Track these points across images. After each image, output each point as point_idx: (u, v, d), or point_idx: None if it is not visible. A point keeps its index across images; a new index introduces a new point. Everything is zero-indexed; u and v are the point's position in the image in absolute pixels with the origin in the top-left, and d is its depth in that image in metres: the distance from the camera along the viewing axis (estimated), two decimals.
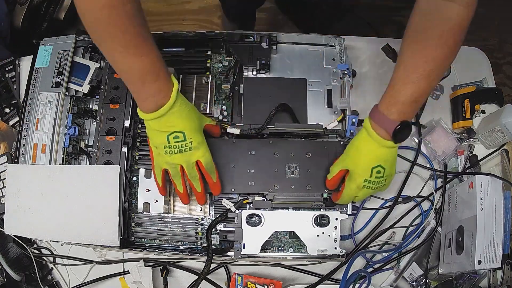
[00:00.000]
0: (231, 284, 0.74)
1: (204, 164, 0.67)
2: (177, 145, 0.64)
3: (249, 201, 0.73)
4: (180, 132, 0.63)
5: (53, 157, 0.73)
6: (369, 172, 0.63)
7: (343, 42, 0.79)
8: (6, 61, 0.89)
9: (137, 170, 0.75)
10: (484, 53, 0.92)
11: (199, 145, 0.65)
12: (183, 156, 0.65)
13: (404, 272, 0.78)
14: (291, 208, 0.73)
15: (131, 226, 0.74)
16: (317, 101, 0.79)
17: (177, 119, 0.63)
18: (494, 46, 1.73)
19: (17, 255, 0.78)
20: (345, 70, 0.77)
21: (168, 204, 0.75)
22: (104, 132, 0.74)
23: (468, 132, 0.84)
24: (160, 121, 0.63)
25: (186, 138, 0.64)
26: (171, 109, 0.62)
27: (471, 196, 0.72)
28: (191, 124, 0.64)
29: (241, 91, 0.78)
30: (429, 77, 0.58)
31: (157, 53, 0.61)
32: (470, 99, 0.83)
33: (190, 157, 0.65)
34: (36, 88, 0.77)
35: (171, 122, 0.63)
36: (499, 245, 0.70)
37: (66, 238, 0.72)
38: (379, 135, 0.61)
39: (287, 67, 0.81)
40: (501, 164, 0.83)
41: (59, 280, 0.80)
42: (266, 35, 0.79)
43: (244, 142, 0.73)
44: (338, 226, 0.71)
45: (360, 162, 0.64)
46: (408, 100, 0.59)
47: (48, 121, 0.75)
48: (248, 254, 0.70)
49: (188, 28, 1.67)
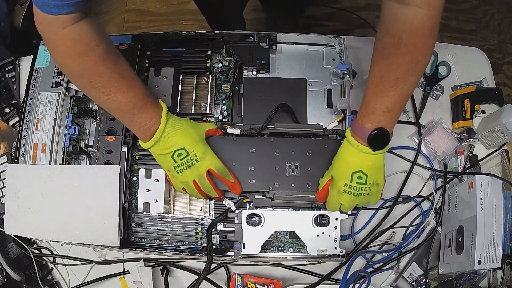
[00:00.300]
0: (231, 284, 0.74)
1: (216, 170, 0.68)
2: (183, 161, 0.65)
3: (249, 200, 0.73)
4: (181, 149, 0.65)
5: (53, 157, 0.73)
6: (349, 177, 0.64)
7: (343, 42, 0.79)
8: (6, 61, 0.89)
9: (137, 170, 0.75)
10: (484, 53, 0.92)
11: (204, 155, 0.67)
12: (193, 171, 0.66)
13: (404, 272, 0.78)
14: (291, 208, 0.73)
15: (131, 226, 0.74)
16: (317, 101, 0.79)
17: (174, 138, 0.65)
18: (494, 46, 1.73)
19: (17, 255, 0.78)
20: (345, 70, 0.77)
21: (168, 204, 0.75)
22: (104, 132, 0.74)
23: (468, 132, 0.84)
24: (160, 145, 0.65)
25: (189, 152, 0.65)
26: (164, 131, 0.64)
27: (471, 196, 0.72)
28: (188, 138, 0.66)
29: (241, 91, 0.78)
30: (397, 86, 0.58)
31: (139, 85, 0.63)
32: (470, 99, 0.83)
33: (200, 169, 0.67)
34: (36, 88, 0.77)
35: (169, 142, 0.65)
36: (499, 245, 0.70)
37: (66, 238, 0.72)
38: (358, 142, 0.63)
39: (287, 67, 0.81)
40: (501, 164, 0.83)
41: (59, 280, 0.80)
42: (266, 35, 0.79)
43: (245, 140, 0.73)
44: (338, 226, 0.71)
45: (340, 167, 0.66)
46: (379, 110, 0.60)
47: (48, 121, 0.75)
48: (248, 254, 0.70)
49: (188, 28, 1.67)
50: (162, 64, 0.79)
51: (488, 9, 1.78)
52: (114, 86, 0.60)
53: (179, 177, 0.67)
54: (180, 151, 0.65)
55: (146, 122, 0.64)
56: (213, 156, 0.68)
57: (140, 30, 1.76)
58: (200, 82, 0.78)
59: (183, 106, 0.77)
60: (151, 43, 0.81)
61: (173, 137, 0.65)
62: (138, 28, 1.77)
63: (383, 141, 0.61)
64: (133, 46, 0.78)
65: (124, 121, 0.67)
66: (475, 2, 1.78)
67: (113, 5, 1.82)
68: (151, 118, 0.64)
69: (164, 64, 0.78)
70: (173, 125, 0.65)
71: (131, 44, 0.78)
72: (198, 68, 0.81)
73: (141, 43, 0.79)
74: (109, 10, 1.81)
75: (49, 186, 0.72)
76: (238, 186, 0.70)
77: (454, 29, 1.73)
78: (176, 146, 0.65)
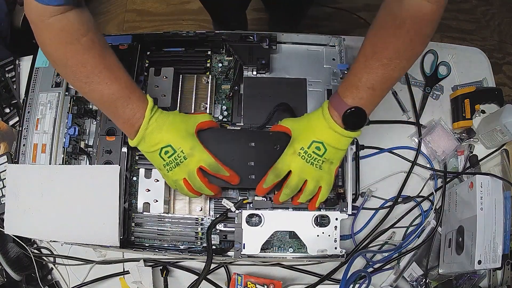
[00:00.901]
0: (231, 284, 0.74)
1: (207, 167, 0.64)
2: (171, 159, 0.62)
3: (249, 201, 0.73)
4: (167, 146, 0.62)
5: (53, 157, 0.73)
6: (308, 143, 0.63)
7: (343, 42, 0.79)
8: (6, 61, 0.89)
9: (137, 170, 0.75)
10: (484, 53, 0.92)
11: (192, 150, 0.63)
12: (181, 168, 0.63)
13: (404, 272, 0.78)
14: (291, 208, 0.73)
15: (131, 226, 0.74)
16: (317, 101, 0.79)
17: (159, 135, 0.62)
18: (494, 46, 1.73)
19: (17, 255, 0.78)
20: (345, 70, 0.77)
21: (168, 204, 0.75)
22: (104, 132, 0.74)
23: (468, 132, 0.84)
24: (145, 142, 0.62)
25: (176, 149, 0.62)
26: (148, 127, 0.61)
27: (471, 196, 0.72)
28: (174, 133, 0.62)
29: (241, 91, 0.78)
30: (388, 66, 0.58)
31: (125, 79, 0.62)
32: (470, 99, 0.83)
33: (189, 166, 0.63)
34: (36, 88, 0.77)
35: (153, 139, 0.62)
36: (499, 245, 0.70)
37: (66, 238, 0.72)
38: (332, 117, 0.62)
39: (287, 67, 0.81)
40: (501, 164, 0.83)
41: (59, 280, 0.80)
42: (266, 35, 0.79)
43: (244, 132, 0.72)
44: (338, 226, 0.71)
45: (305, 131, 0.64)
46: (364, 86, 0.59)
47: (48, 121, 0.75)
48: (248, 254, 0.70)
49: (188, 28, 1.67)
50: (162, 64, 0.79)
51: (488, 9, 1.78)
52: (97, 76, 0.59)
53: (170, 175, 0.64)
54: (166, 149, 0.62)
55: (129, 117, 0.61)
56: (202, 151, 0.63)
57: (140, 30, 1.76)
58: (200, 82, 0.78)
59: (183, 106, 0.77)
60: (151, 43, 0.81)
61: (158, 133, 0.62)
62: (138, 28, 1.77)
63: (358, 121, 0.61)
64: (133, 46, 0.78)
65: (108, 115, 0.64)
66: (475, 2, 1.78)
67: (113, 5, 1.82)
68: (135, 113, 0.61)
69: (164, 64, 0.78)
70: (157, 121, 0.62)
71: (131, 44, 0.78)
72: (198, 68, 0.81)
73: (141, 43, 0.79)
74: (109, 10, 1.81)
75: (49, 186, 0.72)
76: (234, 178, 0.66)
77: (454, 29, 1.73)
78: (162, 143, 0.62)
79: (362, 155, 0.82)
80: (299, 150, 0.64)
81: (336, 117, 0.62)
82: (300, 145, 0.64)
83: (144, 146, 0.63)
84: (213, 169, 0.64)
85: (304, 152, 0.63)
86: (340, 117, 0.61)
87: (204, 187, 0.64)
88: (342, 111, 0.60)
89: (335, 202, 0.73)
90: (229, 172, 0.65)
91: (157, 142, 0.62)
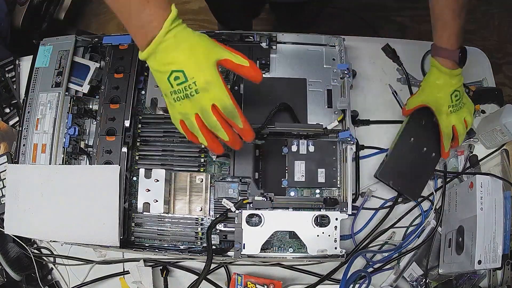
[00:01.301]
0: (231, 284, 0.74)
1: (221, 108, 0.53)
2: (180, 88, 0.52)
3: (249, 201, 0.73)
4: (179, 71, 0.51)
5: (53, 157, 0.73)
6: (449, 99, 0.72)
7: (343, 42, 0.79)
8: (6, 61, 0.89)
9: (137, 170, 0.75)
10: (484, 53, 0.92)
11: (208, 85, 0.52)
12: (192, 102, 0.53)
13: (404, 272, 0.78)
14: (291, 208, 0.73)
15: (131, 226, 0.74)
16: (317, 101, 0.79)
17: (173, 53, 0.51)
18: (494, 46, 1.73)
19: (17, 255, 0.78)
20: (345, 70, 0.77)
21: (168, 204, 0.75)
22: (104, 132, 0.74)
23: (468, 132, 0.84)
24: (155, 59, 0.52)
25: (188, 78, 0.51)
26: (163, 42, 0.51)
27: (471, 196, 0.72)
28: (192, 58, 0.52)
29: (241, 91, 0.78)
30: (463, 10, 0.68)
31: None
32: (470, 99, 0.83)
33: (200, 102, 0.52)
34: (36, 88, 0.77)
35: (167, 58, 0.52)
36: (499, 245, 0.70)
37: (66, 238, 0.72)
38: (447, 68, 0.71)
39: (287, 67, 0.81)
40: (501, 164, 0.83)
41: (59, 280, 0.80)
42: (266, 35, 0.79)
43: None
44: (338, 226, 0.71)
45: (440, 94, 0.73)
46: (460, 32, 0.69)
47: (48, 121, 0.75)
48: (248, 254, 0.70)
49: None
50: None
51: (488, 9, 1.78)
52: None
53: (176, 106, 0.54)
54: (177, 74, 0.51)
55: (144, 24, 0.51)
56: (221, 88, 0.52)
57: None
58: None
59: None
60: None
61: (172, 52, 0.51)
62: None
63: (466, 55, 0.71)
64: (133, 46, 0.78)
65: (121, 18, 0.53)
66: (475, 2, 1.78)
67: None
68: (151, 21, 0.50)
69: None
70: (176, 36, 0.51)
71: (131, 44, 0.78)
72: None
73: None
74: (109, 10, 1.81)
75: (49, 186, 0.72)
76: (249, 132, 0.56)
77: None
78: (174, 65, 0.51)
79: (362, 155, 0.82)
80: (448, 110, 0.73)
81: (450, 64, 0.71)
82: (446, 105, 0.73)
83: (153, 63, 0.53)
84: (228, 113, 0.54)
85: (452, 107, 0.73)
86: (456, 62, 0.70)
87: (219, 126, 0.54)
88: (455, 56, 0.70)
89: (335, 202, 0.73)
90: (244, 125, 0.55)
91: (169, 61, 0.52)
